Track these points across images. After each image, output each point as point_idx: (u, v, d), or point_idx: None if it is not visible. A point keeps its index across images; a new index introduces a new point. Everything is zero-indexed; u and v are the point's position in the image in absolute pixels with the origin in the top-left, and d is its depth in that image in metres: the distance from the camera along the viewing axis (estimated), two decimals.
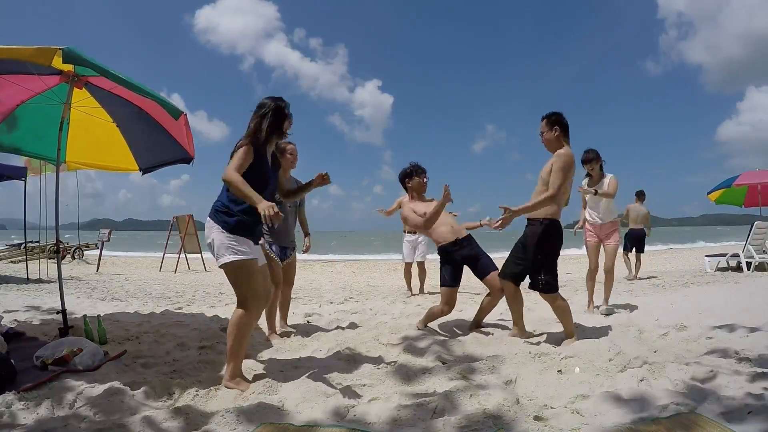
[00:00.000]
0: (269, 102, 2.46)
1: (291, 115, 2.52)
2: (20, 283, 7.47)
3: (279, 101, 2.47)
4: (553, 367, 2.57)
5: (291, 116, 2.52)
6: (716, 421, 1.75)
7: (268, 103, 2.45)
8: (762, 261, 7.59)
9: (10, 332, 3.17)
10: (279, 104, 2.46)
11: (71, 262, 12.98)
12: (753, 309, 3.79)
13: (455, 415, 1.93)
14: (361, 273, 11.28)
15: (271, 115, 2.43)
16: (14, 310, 4.46)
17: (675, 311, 4.05)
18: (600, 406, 1.97)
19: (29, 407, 1.91)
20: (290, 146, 3.64)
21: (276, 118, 2.44)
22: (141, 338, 3.35)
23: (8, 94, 3.34)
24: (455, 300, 3.58)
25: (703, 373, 2.31)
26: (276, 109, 2.44)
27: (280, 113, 2.45)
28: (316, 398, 2.15)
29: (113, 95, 3.54)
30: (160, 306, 5.03)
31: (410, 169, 3.80)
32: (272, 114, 2.43)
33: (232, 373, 2.38)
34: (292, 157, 3.64)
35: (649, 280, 7.28)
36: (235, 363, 2.39)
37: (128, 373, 2.49)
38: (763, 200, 8.96)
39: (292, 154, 3.65)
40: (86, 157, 4.21)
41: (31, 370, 2.41)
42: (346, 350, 2.99)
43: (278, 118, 2.45)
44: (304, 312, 4.59)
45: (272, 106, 2.44)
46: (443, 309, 3.55)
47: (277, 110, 2.44)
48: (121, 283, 8.06)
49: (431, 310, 3.66)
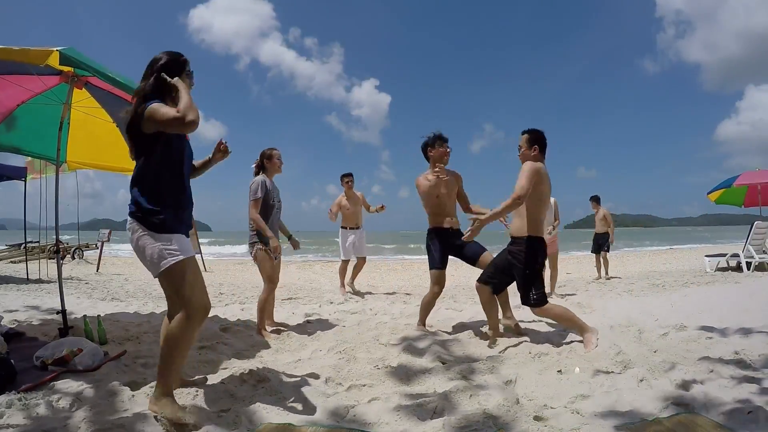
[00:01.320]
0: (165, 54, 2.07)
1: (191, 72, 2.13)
2: (20, 283, 7.46)
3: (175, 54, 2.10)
4: (553, 367, 2.57)
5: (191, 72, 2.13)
6: (716, 421, 1.76)
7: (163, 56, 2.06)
8: (762, 261, 7.59)
9: (10, 332, 3.17)
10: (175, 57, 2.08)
11: (71, 263, 12.98)
12: (753, 309, 3.79)
13: (455, 415, 1.93)
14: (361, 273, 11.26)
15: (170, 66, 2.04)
16: (14, 310, 4.45)
17: (675, 311, 4.05)
18: (600, 406, 1.97)
19: (29, 407, 1.91)
20: (276, 152, 3.73)
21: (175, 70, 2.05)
22: (141, 338, 3.35)
23: (8, 94, 3.35)
24: (444, 280, 3.59)
25: (703, 373, 2.31)
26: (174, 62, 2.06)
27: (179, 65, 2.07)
28: (316, 398, 2.16)
29: (113, 95, 3.54)
30: (160, 306, 5.03)
31: (433, 139, 3.63)
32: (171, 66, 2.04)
33: (163, 392, 1.95)
34: (279, 162, 3.75)
35: (648, 279, 7.28)
36: (166, 380, 1.98)
37: (128, 373, 2.49)
38: (763, 200, 8.96)
39: (279, 159, 3.73)
40: (86, 157, 4.21)
41: (31, 371, 2.41)
42: (346, 350, 2.99)
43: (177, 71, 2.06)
44: (304, 312, 4.59)
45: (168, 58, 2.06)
46: (434, 291, 3.55)
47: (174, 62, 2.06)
48: (121, 283, 8.06)
49: (424, 302, 3.68)
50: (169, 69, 2.03)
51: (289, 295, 6.10)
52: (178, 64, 2.07)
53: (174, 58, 2.07)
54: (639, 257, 15.01)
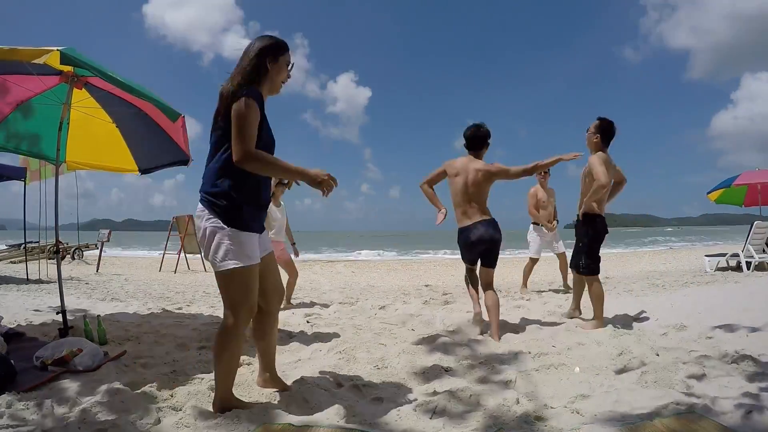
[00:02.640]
0: (266, 41, 1.93)
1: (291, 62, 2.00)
2: (20, 283, 7.46)
3: (276, 39, 1.97)
4: (553, 367, 2.57)
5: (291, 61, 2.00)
6: (716, 421, 1.75)
7: (260, 41, 1.93)
8: (762, 261, 7.59)
9: (10, 332, 3.17)
10: (279, 42, 1.95)
11: (71, 263, 12.98)
12: (753, 309, 3.79)
13: (455, 415, 1.93)
14: (361, 273, 11.27)
15: (271, 55, 1.91)
16: (14, 310, 4.46)
17: (675, 311, 4.05)
18: (600, 406, 1.97)
19: (29, 408, 1.91)
20: None
21: (277, 58, 1.93)
22: (141, 338, 3.35)
23: (8, 94, 3.35)
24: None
25: (703, 373, 2.31)
26: (277, 46, 1.94)
27: (280, 50, 1.94)
28: (316, 398, 2.15)
29: (113, 96, 3.54)
30: (160, 306, 5.03)
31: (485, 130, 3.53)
32: (272, 53, 1.92)
33: (224, 397, 1.97)
34: None
35: (648, 279, 7.27)
36: (226, 387, 1.98)
37: (128, 374, 2.49)
38: (763, 200, 8.95)
39: None
40: (86, 157, 4.21)
41: (31, 371, 2.40)
42: (346, 350, 2.99)
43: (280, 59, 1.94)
44: (304, 312, 4.59)
45: (272, 42, 1.94)
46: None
47: (277, 47, 1.94)
48: (120, 283, 8.06)
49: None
50: (274, 54, 1.92)
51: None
52: (281, 49, 1.96)
53: (278, 43, 1.96)
54: (639, 257, 15.01)
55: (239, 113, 1.77)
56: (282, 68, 1.97)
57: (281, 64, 1.96)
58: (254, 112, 1.79)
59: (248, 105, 1.78)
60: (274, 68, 1.93)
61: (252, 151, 1.77)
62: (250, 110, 1.78)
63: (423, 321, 4.00)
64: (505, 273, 9.04)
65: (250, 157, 1.76)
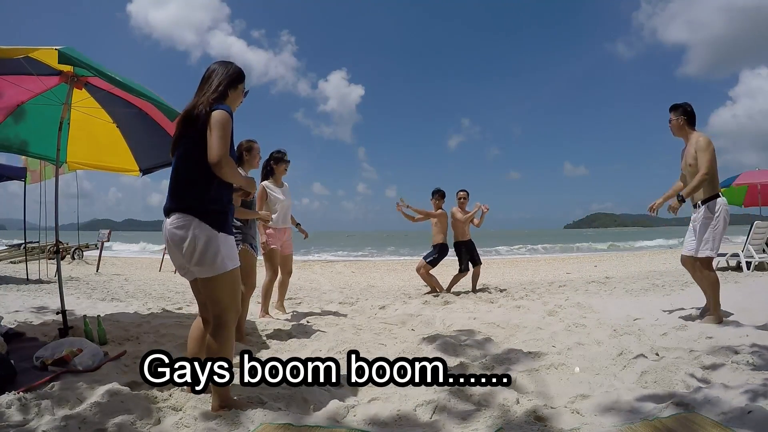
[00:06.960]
0: (226, 65, 2.11)
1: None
2: (20, 283, 7.46)
3: (237, 67, 2.13)
4: (553, 367, 2.57)
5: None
6: (716, 421, 1.75)
7: (224, 67, 2.09)
8: (762, 261, 7.59)
9: (10, 332, 3.17)
10: (239, 70, 2.12)
11: (71, 263, 12.98)
12: (753, 309, 3.79)
13: (455, 415, 1.93)
14: (361, 273, 11.27)
15: (235, 83, 2.08)
16: (14, 310, 4.46)
17: (675, 311, 4.05)
18: (600, 406, 1.97)
19: (29, 408, 1.91)
20: (257, 145, 3.66)
21: (239, 83, 2.11)
22: (141, 338, 3.35)
23: (8, 94, 3.35)
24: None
25: (703, 372, 2.31)
26: (239, 73, 2.11)
27: (240, 78, 2.12)
28: (316, 398, 2.15)
29: (113, 96, 3.54)
30: (160, 306, 5.03)
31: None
32: (235, 81, 2.08)
33: (223, 398, 1.97)
34: (259, 157, 3.70)
35: (648, 279, 7.27)
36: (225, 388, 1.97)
37: (128, 374, 2.49)
38: (763, 200, 8.95)
39: (259, 153, 3.67)
40: (86, 157, 4.22)
41: (31, 371, 2.41)
42: (346, 350, 2.98)
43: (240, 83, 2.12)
44: (304, 312, 4.59)
45: (235, 70, 2.10)
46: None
47: (239, 74, 2.11)
48: (120, 283, 8.06)
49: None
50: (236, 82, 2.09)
51: (288, 295, 6.09)
52: (241, 77, 2.12)
53: (238, 71, 2.12)
54: (639, 257, 15.02)
55: (222, 120, 1.90)
56: (240, 95, 2.15)
57: (239, 91, 2.13)
58: (231, 124, 1.96)
59: (229, 116, 1.95)
60: (233, 95, 2.09)
61: (228, 156, 1.90)
62: (229, 121, 1.94)
63: (423, 321, 4.01)
64: (505, 273, 9.01)
65: (227, 160, 1.89)
